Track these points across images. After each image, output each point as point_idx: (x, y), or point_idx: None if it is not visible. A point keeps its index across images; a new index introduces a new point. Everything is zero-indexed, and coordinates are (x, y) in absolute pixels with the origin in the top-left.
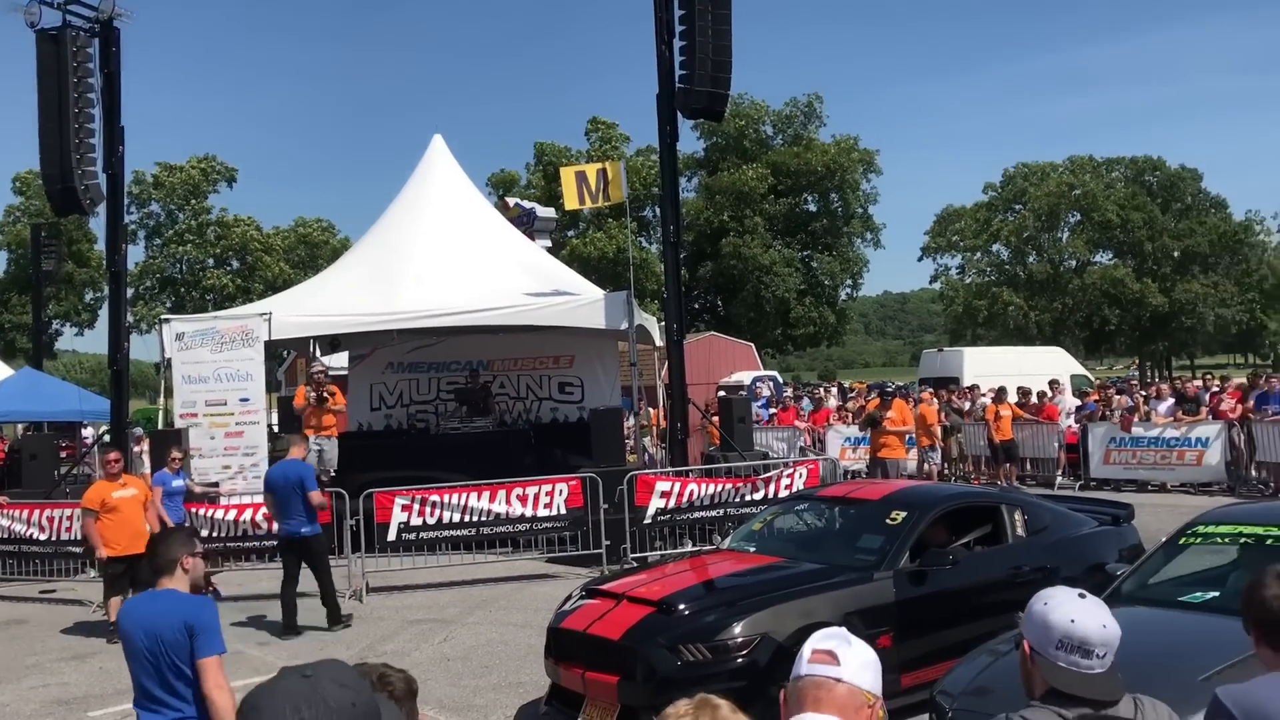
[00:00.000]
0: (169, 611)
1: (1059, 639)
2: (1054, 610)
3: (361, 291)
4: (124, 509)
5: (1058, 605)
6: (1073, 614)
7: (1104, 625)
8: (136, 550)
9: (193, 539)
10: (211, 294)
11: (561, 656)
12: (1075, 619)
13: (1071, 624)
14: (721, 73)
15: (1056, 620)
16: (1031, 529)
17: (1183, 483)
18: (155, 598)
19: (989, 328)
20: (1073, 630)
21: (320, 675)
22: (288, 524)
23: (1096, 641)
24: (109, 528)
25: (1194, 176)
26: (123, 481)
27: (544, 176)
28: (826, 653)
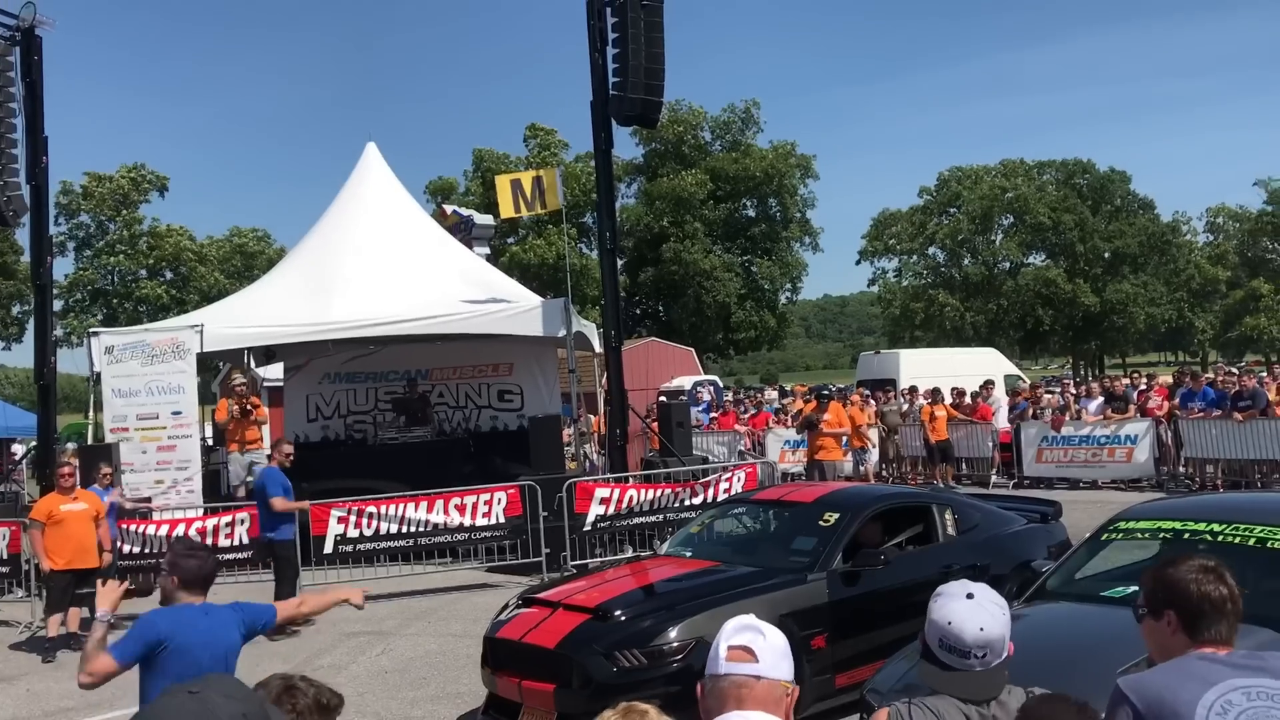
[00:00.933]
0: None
1: (939, 637)
2: (937, 610)
3: (296, 301)
4: (70, 523)
5: (942, 605)
6: (950, 615)
7: (980, 628)
8: (81, 565)
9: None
10: (145, 305)
11: (498, 666)
12: (952, 621)
13: (948, 625)
14: (654, 80)
15: (937, 620)
16: (962, 528)
17: (1113, 479)
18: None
19: (926, 329)
20: (949, 631)
21: (207, 690)
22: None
23: (971, 643)
24: (53, 541)
25: (1123, 179)
26: (74, 495)
27: (482, 183)
28: (743, 648)
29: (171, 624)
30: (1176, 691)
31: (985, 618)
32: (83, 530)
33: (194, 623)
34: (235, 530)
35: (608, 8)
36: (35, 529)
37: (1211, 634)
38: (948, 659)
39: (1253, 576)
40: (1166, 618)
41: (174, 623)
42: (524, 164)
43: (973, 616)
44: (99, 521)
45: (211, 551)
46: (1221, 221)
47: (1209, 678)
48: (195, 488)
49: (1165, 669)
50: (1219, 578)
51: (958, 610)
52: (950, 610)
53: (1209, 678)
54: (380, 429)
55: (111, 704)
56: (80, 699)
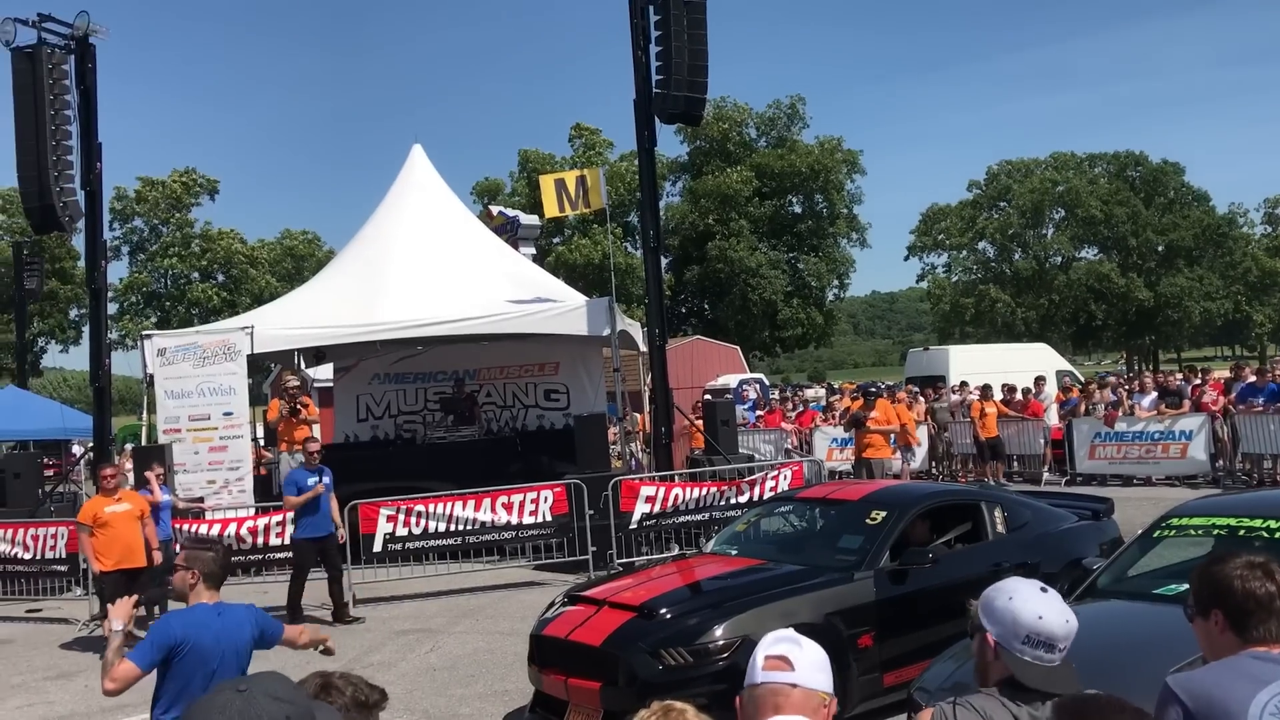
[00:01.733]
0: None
1: (1026, 634)
2: (1021, 606)
3: (344, 303)
4: (116, 524)
5: (1024, 601)
6: (1040, 610)
7: (1067, 620)
8: (130, 564)
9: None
10: (197, 308)
11: (544, 663)
12: (1043, 615)
13: (1039, 620)
14: (698, 77)
15: (1025, 617)
16: (1011, 526)
17: (1167, 476)
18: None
19: (977, 325)
20: (1040, 626)
21: (255, 689)
22: None
23: (1061, 636)
24: (101, 543)
25: (1176, 170)
26: (118, 497)
27: (528, 184)
28: (780, 658)
29: (186, 627)
30: (1228, 690)
31: (1067, 610)
32: (129, 531)
33: (208, 624)
34: (286, 530)
35: (650, 6)
36: (83, 532)
37: (1260, 632)
38: (1033, 655)
39: None
40: (1214, 617)
41: (188, 625)
42: (569, 164)
43: (1059, 610)
44: (144, 521)
45: (226, 547)
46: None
47: (1262, 677)
48: (247, 488)
49: (1216, 668)
50: (1267, 574)
51: (1045, 605)
52: (1038, 605)
53: (1262, 677)
54: (429, 428)
55: None
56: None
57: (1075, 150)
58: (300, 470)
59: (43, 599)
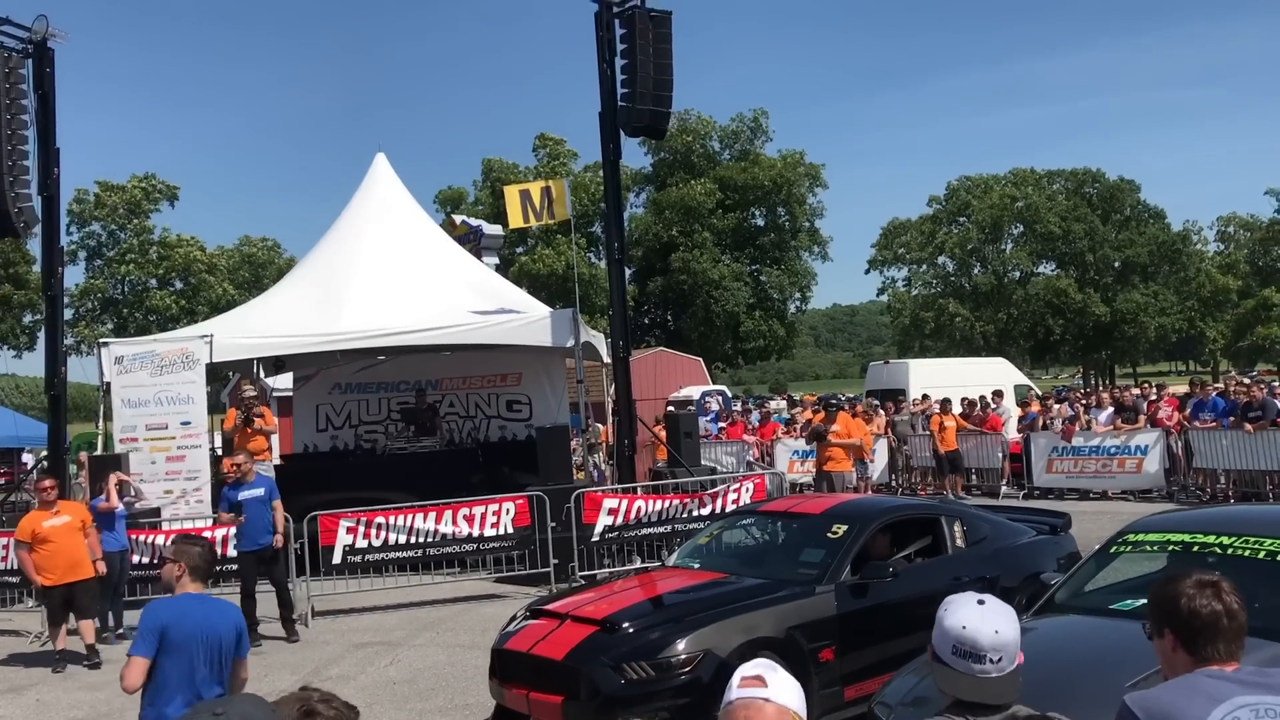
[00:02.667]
0: (228, 614)
1: (953, 644)
2: (949, 616)
3: (305, 312)
4: (56, 538)
5: (955, 611)
6: (965, 620)
7: (996, 631)
8: (73, 578)
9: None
10: (155, 315)
11: (506, 677)
12: (966, 625)
13: (963, 630)
14: (663, 91)
15: (950, 626)
16: (970, 540)
17: (1123, 490)
18: (205, 602)
19: (936, 339)
20: (963, 635)
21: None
22: None
23: (987, 646)
24: (43, 558)
25: (1132, 188)
26: (56, 510)
27: (492, 193)
28: (754, 678)
29: (171, 612)
30: (1183, 709)
31: (999, 621)
32: (71, 544)
33: (190, 611)
34: None
35: (616, 19)
36: (21, 549)
37: (1208, 652)
38: (962, 665)
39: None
40: (1166, 636)
41: (173, 611)
42: (533, 174)
43: (986, 620)
44: (86, 531)
45: (208, 543)
46: (1232, 230)
47: (1216, 695)
48: (204, 498)
49: (1172, 686)
50: (1215, 593)
51: (971, 615)
52: (964, 615)
53: (1216, 695)
54: (390, 439)
55: (121, 714)
56: (90, 709)
57: (1034, 166)
58: (229, 487)
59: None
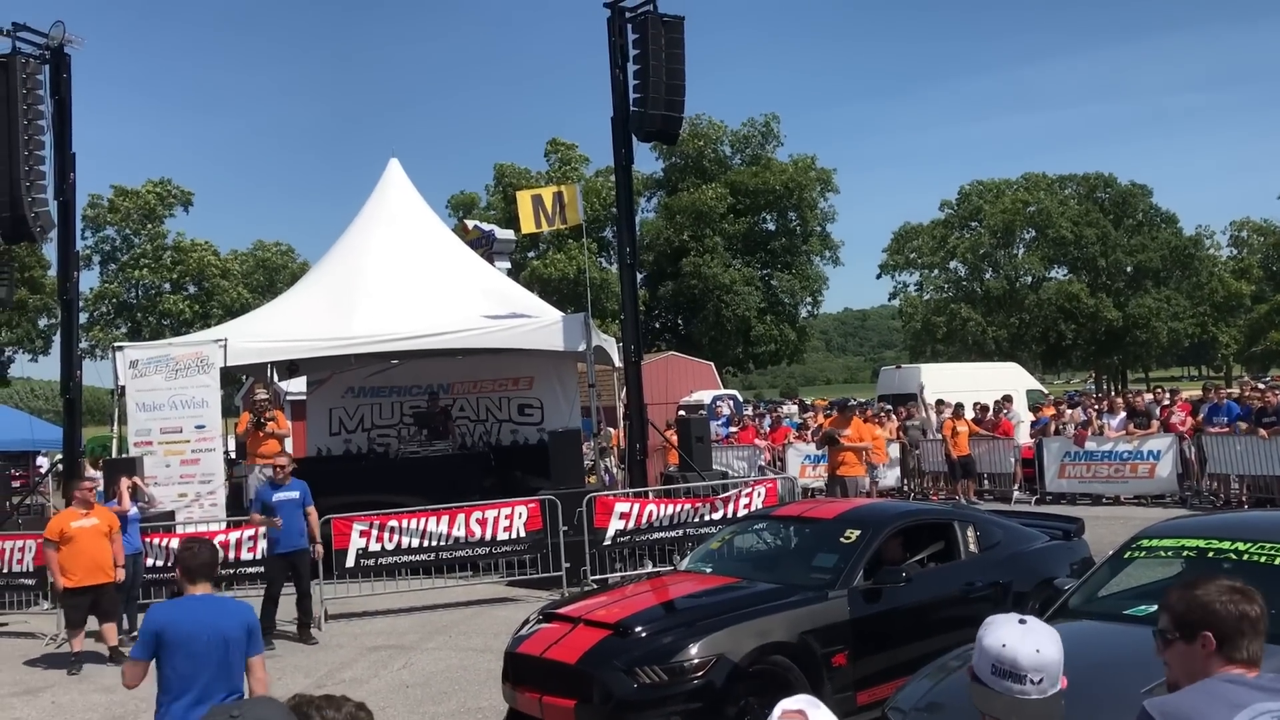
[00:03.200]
0: (234, 613)
1: (992, 662)
2: (988, 635)
3: (319, 316)
4: (82, 540)
5: (996, 630)
6: (1005, 639)
7: (1037, 650)
8: (95, 581)
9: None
10: (168, 319)
11: (519, 681)
12: (1006, 644)
13: (1003, 648)
14: (675, 96)
15: (989, 645)
16: (983, 545)
17: (1135, 495)
18: (209, 602)
19: (948, 344)
20: (1002, 654)
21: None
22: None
23: (1027, 667)
24: (66, 557)
25: (1145, 192)
26: (88, 511)
27: (504, 198)
28: (797, 712)
29: (167, 614)
30: (1205, 715)
31: (1041, 641)
32: (96, 546)
33: (190, 611)
34: (258, 544)
35: (628, 24)
36: (49, 548)
37: (1245, 653)
38: (1000, 685)
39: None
40: (1202, 639)
41: (170, 612)
42: (545, 179)
43: (1027, 640)
44: (113, 537)
45: (209, 544)
46: (1246, 235)
47: (1237, 701)
48: (218, 501)
49: (1192, 692)
50: (1250, 598)
51: (1012, 634)
52: (1004, 634)
53: (1237, 701)
54: (402, 443)
55: (135, 716)
56: (105, 711)
57: (1046, 171)
58: (266, 487)
59: (9, 613)
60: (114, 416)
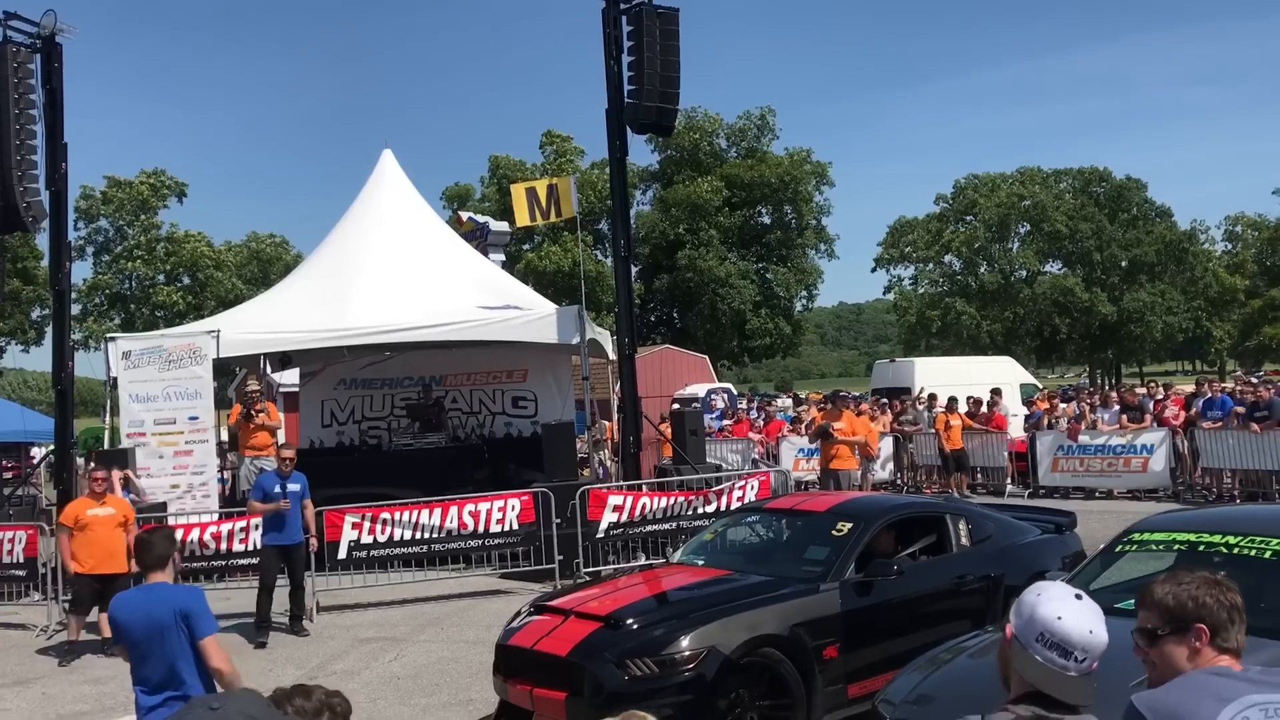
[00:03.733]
0: (164, 600)
1: (1040, 632)
2: (1043, 604)
3: (312, 308)
4: (96, 528)
5: (1049, 600)
6: (1061, 611)
7: (1090, 630)
8: (106, 570)
9: (175, 537)
10: (162, 311)
11: (510, 673)
12: (1062, 616)
13: (1058, 620)
14: (670, 88)
15: (1044, 614)
16: (975, 538)
17: (1128, 489)
18: (153, 589)
19: (942, 338)
20: (1056, 627)
21: (228, 707)
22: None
23: (1077, 644)
24: (79, 544)
25: (1139, 187)
26: (103, 501)
27: (499, 190)
28: None
29: (115, 605)
30: (1194, 709)
31: (1094, 622)
32: (110, 536)
33: (129, 601)
34: (250, 535)
35: (623, 16)
36: (63, 533)
37: (1236, 642)
38: (1044, 655)
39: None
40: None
41: (117, 603)
42: (540, 170)
43: (1085, 617)
44: (128, 528)
45: (164, 535)
46: (1240, 230)
47: (1225, 694)
48: (211, 493)
49: (1179, 685)
50: (1231, 587)
51: (1069, 609)
52: (1060, 606)
53: (1225, 694)
54: (395, 435)
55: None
56: (95, 703)
57: (1041, 165)
58: (270, 475)
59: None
60: (106, 408)
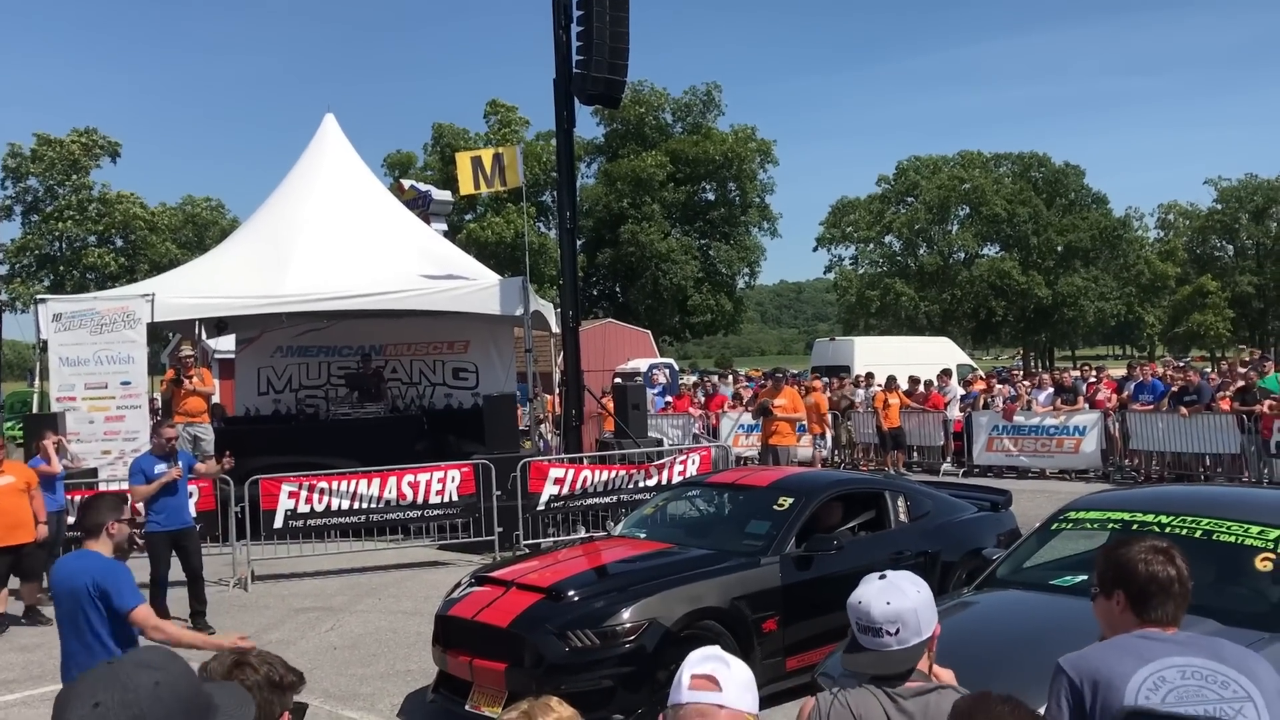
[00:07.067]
0: (84, 570)
1: (855, 620)
2: (852, 594)
3: (249, 273)
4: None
5: (856, 590)
6: (861, 595)
7: (888, 603)
8: (14, 540)
9: (120, 505)
10: (93, 273)
11: (449, 644)
12: (862, 600)
13: (859, 604)
14: (619, 59)
15: (851, 602)
16: (913, 515)
17: (1060, 470)
18: (79, 557)
19: (881, 317)
20: (859, 610)
21: (126, 660)
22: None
23: (879, 618)
24: None
25: (1077, 173)
26: (1, 469)
27: (441, 159)
28: (706, 677)
29: (54, 569)
30: (1113, 666)
31: (893, 594)
32: (14, 504)
33: (62, 568)
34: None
35: None
36: None
37: (1158, 614)
38: (864, 640)
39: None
40: (1116, 597)
41: (56, 567)
42: (484, 140)
43: (881, 594)
44: (32, 493)
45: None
46: (1172, 218)
47: (1146, 655)
48: None
49: (1105, 646)
50: (1169, 559)
51: (868, 590)
52: (861, 591)
53: (1146, 655)
54: (332, 404)
55: (54, 676)
56: (21, 671)
57: (982, 149)
58: (147, 456)
59: None
60: (35, 371)
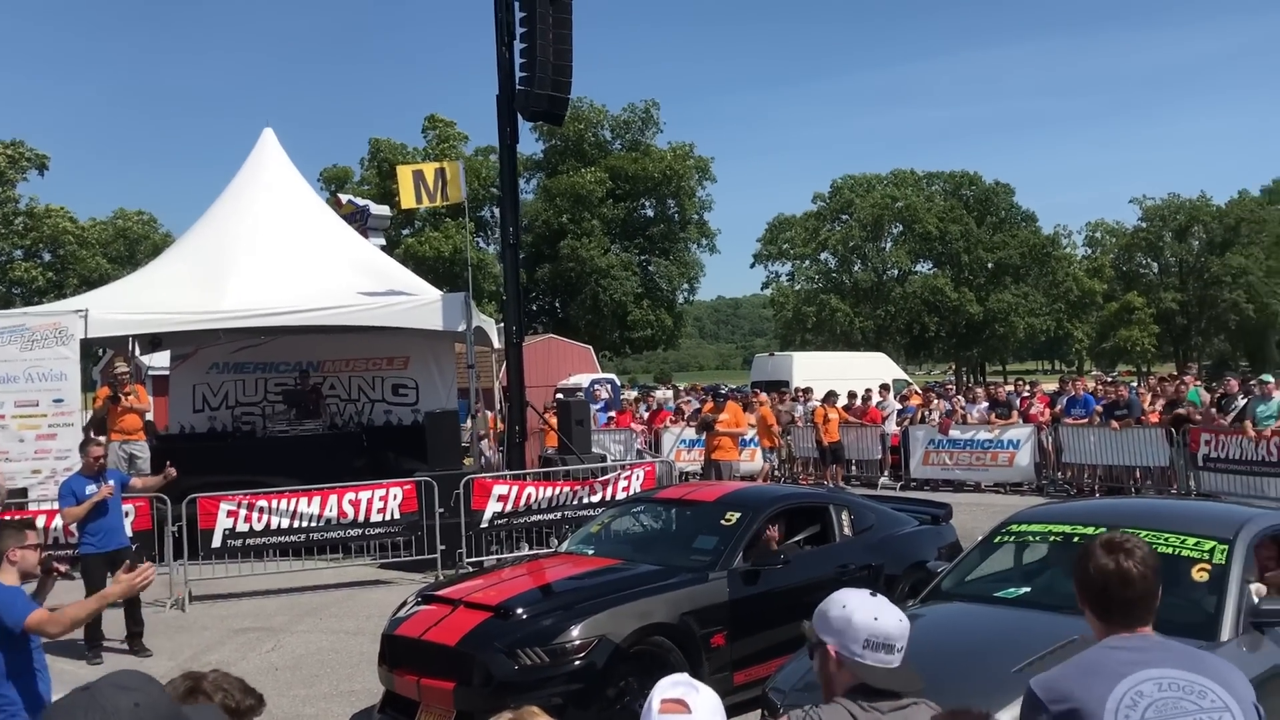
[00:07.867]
0: None
1: (865, 638)
2: (856, 612)
3: (185, 288)
4: None
5: (859, 607)
6: (875, 613)
7: (900, 620)
8: None
9: (23, 531)
10: (20, 288)
11: (396, 663)
12: (878, 617)
13: (875, 622)
14: (562, 76)
15: (861, 621)
16: (857, 528)
17: (995, 483)
18: None
19: (817, 333)
20: (877, 628)
21: (101, 683)
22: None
23: (897, 636)
24: None
25: (1007, 191)
26: None
27: (379, 173)
28: (677, 701)
29: None
30: (1089, 689)
31: (898, 611)
32: None
33: None
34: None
35: (516, 1)
36: None
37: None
38: (874, 658)
39: None
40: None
41: None
42: (422, 155)
43: (891, 611)
44: None
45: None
46: (1100, 236)
47: (1119, 670)
48: None
49: (1074, 665)
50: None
51: (879, 607)
52: (872, 608)
53: (1119, 670)
54: (269, 421)
55: None
56: None
57: (915, 168)
58: (77, 477)
59: None
60: None
